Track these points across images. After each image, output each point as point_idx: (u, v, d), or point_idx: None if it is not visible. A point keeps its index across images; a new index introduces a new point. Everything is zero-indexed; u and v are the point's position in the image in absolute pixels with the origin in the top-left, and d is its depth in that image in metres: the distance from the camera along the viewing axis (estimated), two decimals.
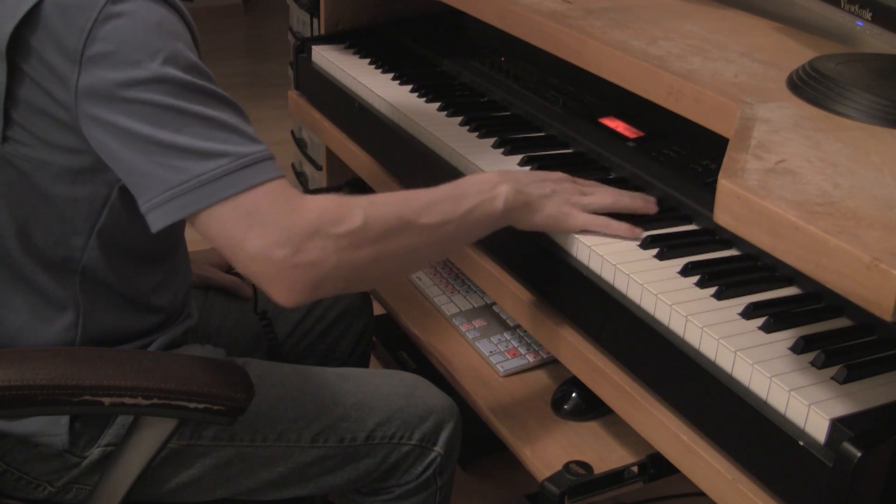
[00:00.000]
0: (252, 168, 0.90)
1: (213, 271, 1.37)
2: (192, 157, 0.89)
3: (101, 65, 0.88)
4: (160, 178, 0.89)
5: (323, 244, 0.90)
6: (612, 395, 1.00)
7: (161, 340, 1.11)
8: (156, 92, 0.88)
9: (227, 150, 0.90)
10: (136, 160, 0.90)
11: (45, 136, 0.94)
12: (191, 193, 0.89)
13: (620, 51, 1.10)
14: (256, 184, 0.90)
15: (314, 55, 1.72)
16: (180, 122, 0.89)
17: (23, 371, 0.92)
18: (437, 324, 1.42)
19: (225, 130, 0.91)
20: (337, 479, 1.15)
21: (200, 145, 0.89)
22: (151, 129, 0.88)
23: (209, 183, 0.89)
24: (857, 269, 0.68)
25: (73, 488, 1.07)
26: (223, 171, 0.89)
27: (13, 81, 0.92)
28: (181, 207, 0.89)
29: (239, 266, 0.92)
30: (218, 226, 0.90)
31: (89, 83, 0.89)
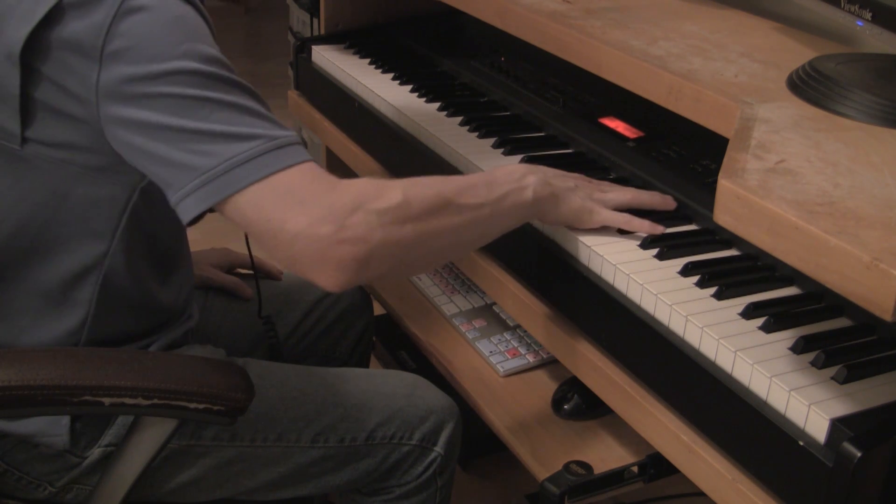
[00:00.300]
0: (284, 150, 0.89)
1: (214, 272, 1.37)
2: (223, 141, 0.87)
3: (121, 60, 0.87)
4: (191, 165, 0.88)
5: (366, 219, 0.87)
6: (612, 395, 1.00)
7: (161, 341, 1.12)
8: (179, 84, 0.87)
9: (258, 133, 0.88)
10: (165, 151, 0.89)
11: (64, 136, 0.94)
12: (224, 177, 0.87)
13: (620, 51, 1.10)
14: (290, 164, 0.88)
15: (314, 55, 1.72)
16: (207, 110, 0.88)
17: (23, 371, 0.92)
18: (437, 324, 1.42)
19: (252, 116, 0.90)
20: (337, 480, 1.15)
21: (230, 129, 0.88)
22: (178, 119, 0.87)
23: (242, 164, 0.87)
24: (857, 269, 0.68)
25: (73, 488, 1.07)
26: (256, 152, 0.88)
27: (30, 84, 0.91)
28: (214, 192, 0.87)
29: (279, 251, 0.88)
30: (254, 209, 0.88)
31: (110, 79, 0.88)
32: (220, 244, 1.44)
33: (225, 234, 1.13)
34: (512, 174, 1.01)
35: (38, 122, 0.93)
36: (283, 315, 1.39)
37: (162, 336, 1.12)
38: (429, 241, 0.93)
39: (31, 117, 0.93)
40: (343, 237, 0.86)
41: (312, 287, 1.42)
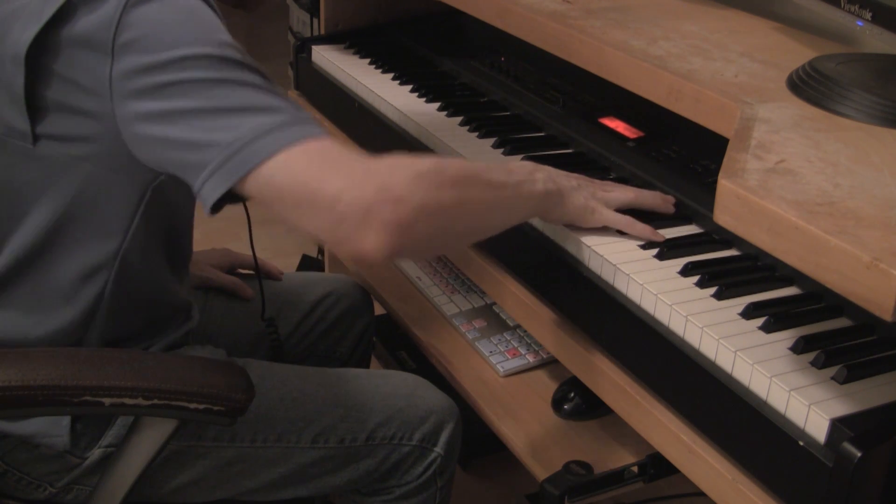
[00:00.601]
0: (308, 123, 0.87)
1: (214, 272, 1.37)
2: (245, 114, 0.86)
3: (133, 51, 0.87)
4: (213, 142, 0.85)
5: (406, 179, 0.84)
6: (612, 395, 1.00)
7: (162, 342, 1.11)
8: (194, 69, 0.87)
9: (280, 106, 0.87)
10: (185, 135, 0.87)
11: (78, 131, 0.93)
12: (249, 146, 0.84)
13: (620, 51, 1.10)
14: (317, 135, 0.86)
15: (314, 55, 1.71)
16: (226, 90, 0.87)
17: (23, 371, 0.92)
18: (437, 324, 1.42)
19: (271, 94, 0.89)
20: (337, 480, 1.15)
21: (252, 103, 0.86)
22: (196, 101, 0.86)
23: (268, 133, 0.85)
24: (857, 269, 0.68)
25: (73, 489, 1.07)
26: (280, 122, 0.85)
27: (40, 82, 0.91)
28: (240, 164, 0.84)
29: (318, 217, 0.84)
30: (287, 175, 0.84)
31: (123, 71, 0.88)
32: (220, 244, 1.44)
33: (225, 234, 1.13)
34: (523, 167, 1.01)
35: (49, 118, 0.93)
36: (283, 315, 1.39)
37: (162, 337, 1.12)
38: (465, 210, 0.90)
39: (42, 114, 0.93)
40: (386, 197, 0.82)
41: (313, 287, 1.43)
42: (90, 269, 1.01)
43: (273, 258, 1.48)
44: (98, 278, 1.02)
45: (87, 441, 1.05)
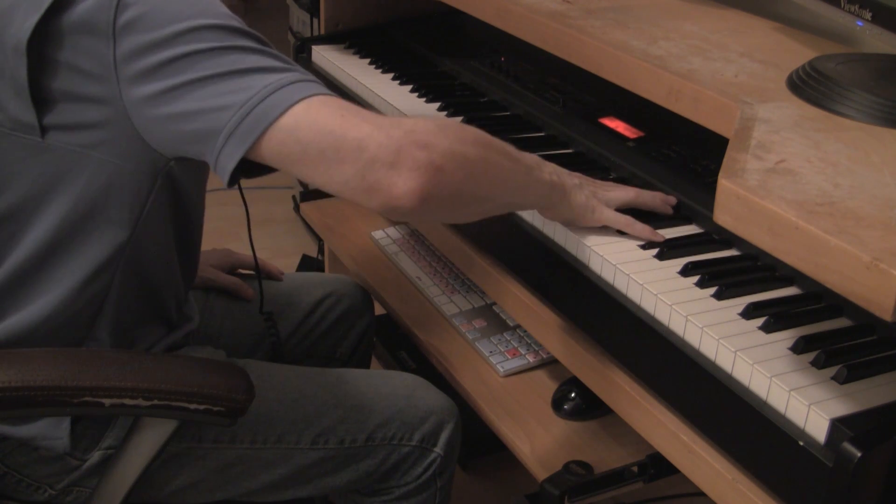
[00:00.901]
0: (317, 83, 0.87)
1: (215, 272, 1.37)
2: (257, 73, 0.85)
3: (135, 30, 0.87)
4: (229, 104, 0.84)
5: (430, 127, 0.84)
6: (612, 395, 1.00)
7: (162, 344, 1.11)
8: (199, 40, 0.86)
9: (289, 67, 0.87)
10: (197, 104, 0.86)
11: (85, 118, 0.93)
12: (267, 100, 0.83)
13: (620, 51, 1.10)
14: (328, 92, 0.86)
15: (314, 55, 1.71)
16: (235, 55, 0.86)
17: (23, 372, 0.92)
18: (437, 324, 1.42)
19: (277, 58, 0.88)
20: (337, 481, 1.15)
21: (263, 63, 0.86)
22: (204, 70, 0.86)
23: (283, 87, 0.84)
24: (857, 269, 0.68)
25: (73, 491, 1.07)
26: (293, 79, 0.85)
27: (45, 73, 0.91)
28: (262, 117, 0.83)
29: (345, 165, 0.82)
30: (308, 123, 0.82)
31: (127, 52, 0.87)
32: (220, 244, 1.44)
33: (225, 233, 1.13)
34: (532, 156, 1.01)
35: (56, 108, 0.93)
36: (284, 316, 1.39)
37: (163, 339, 1.12)
38: (487, 169, 0.89)
39: (49, 105, 0.92)
40: (414, 139, 0.81)
41: (314, 288, 1.43)
42: (102, 259, 1.01)
43: (273, 258, 1.48)
44: (109, 267, 1.01)
45: (86, 443, 1.05)
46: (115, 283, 1.02)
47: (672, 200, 1.09)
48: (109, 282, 1.02)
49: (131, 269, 1.03)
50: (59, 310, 1.02)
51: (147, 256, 1.03)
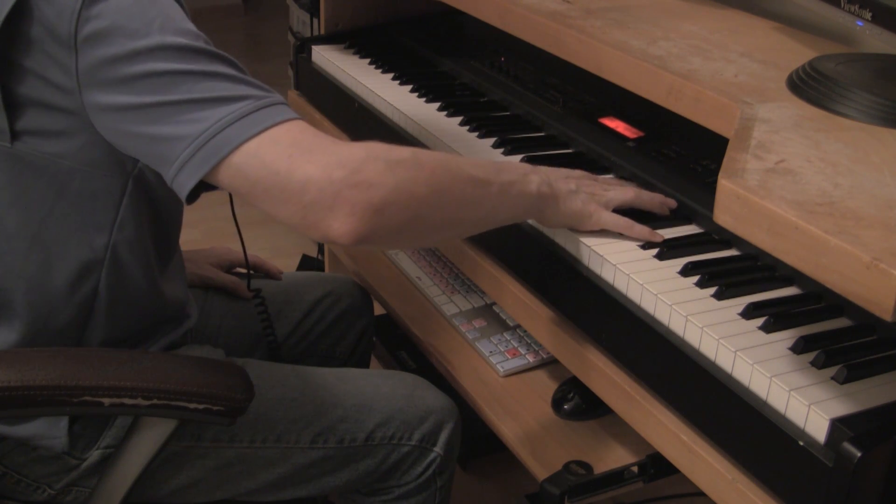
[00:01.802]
0: (275, 108, 0.87)
1: (213, 271, 1.37)
2: (210, 105, 0.86)
3: (96, 44, 0.87)
4: (181, 135, 0.86)
5: (378, 166, 0.84)
6: (612, 395, 1.00)
7: (161, 342, 1.11)
8: (158, 60, 0.87)
9: (246, 94, 0.87)
10: (153, 130, 0.87)
11: (55, 126, 0.93)
12: (217, 138, 0.85)
13: (620, 51, 1.10)
14: (284, 120, 0.87)
15: (314, 55, 1.71)
16: (190, 82, 0.87)
17: (22, 372, 0.92)
18: (437, 324, 1.42)
19: (237, 82, 0.89)
20: (337, 480, 1.15)
21: (217, 94, 0.87)
22: (162, 95, 0.86)
23: (234, 123, 0.85)
24: (857, 269, 0.68)
25: (72, 490, 1.07)
26: (246, 110, 0.86)
27: (14, 79, 0.91)
28: (209, 155, 0.85)
29: (289, 204, 0.84)
30: (256, 164, 0.84)
31: (88, 65, 0.88)
32: (220, 244, 1.44)
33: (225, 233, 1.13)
34: (517, 168, 1.01)
35: (27, 115, 0.93)
36: (283, 315, 1.39)
37: (161, 337, 1.12)
38: (440, 202, 0.90)
39: (20, 112, 0.92)
40: (357, 180, 0.83)
41: (313, 287, 1.43)
42: (83, 266, 1.01)
43: (273, 258, 1.48)
44: (91, 275, 1.02)
45: (85, 442, 1.05)
46: (101, 288, 1.02)
47: (672, 203, 1.09)
48: (95, 286, 1.02)
49: (115, 273, 1.03)
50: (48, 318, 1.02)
51: (129, 258, 1.03)
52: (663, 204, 1.08)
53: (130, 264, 1.04)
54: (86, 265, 1.01)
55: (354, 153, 0.85)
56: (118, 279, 1.03)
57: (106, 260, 1.01)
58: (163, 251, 1.10)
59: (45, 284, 1.01)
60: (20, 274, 1.00)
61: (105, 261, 1.01)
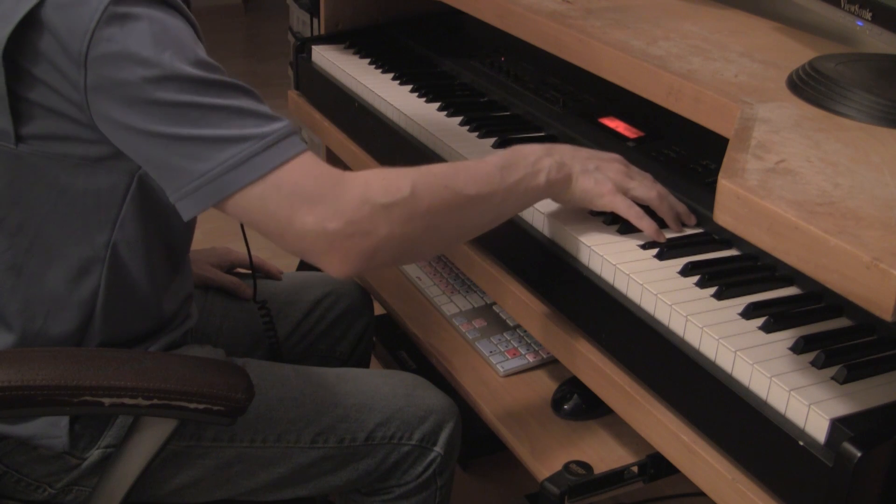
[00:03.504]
0: (278, 146, 0.89)
1: (214, 271, 1.37)
2: (216, 146, 0.88)
3: (107, 66, 0.87)
4: (186, 170, 0.89)
5: (373, 214, 0.89)
6: (612, 395, 1.00)
7: (161, 343, 1.11)
8: (167, 90, 0.87)
9: (250, 134, 0.89)
10: (159, 156, 0.89)
11: (61, 131, 0.93)
12: (221, 179, 0.88)
13: (620, 51, 1.10)
14: (287, 159, 0.89)
15: (314, 55, 1.72)
16: (196, 116, 0.88)
17: (23, 371, 0.92)
18: (437, 324, 1.42)
19: (243, 116, 0.90)
20: (337, 480, 1.15)
21: (221, 133, 0.88)
22: (169, 126, 0.88)
23: (238, 166, 0.88)
24: (857, 269, 0.68)
25: (73, 490, 1.07)
26: (250, 152, 0.88)
27: (23, 85, 0.91)
28: (213, 193, 0.89)
29: (287, 245, 0.91)
30: (259, 208, 0.89)
31: (97, 84, 0.88)
32: (220, 244, 1.44)
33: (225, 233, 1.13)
34: (528, 157, 1.01)
35: (33, 120, 0.93)
36: (283, 315, 1.39)
37: (161, 337, 1.12)
38: (436, 234, 0.95)
39: (27, 117, 0.93)
40: (350, 232, 0.88)
41: (313, 287, 1.43)
42: (82, 265, 1.01)
43: (273, 258, 1.48)
44: (91, 274, 1.01)
45: (85, 442, 1.05)
46: (101, 288, 1.02)
47: (690, 221, 1.07)
48: (95, 287, 1.02)
49: (115, 272, 1.03)
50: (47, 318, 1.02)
51: (130, 258, 1.03)
52: (678, 218, 1.06)
53: (131, 265, 1.03)
54: (85, 263, 1.01)
55: (351, 200, 0.89)
56: (118, 280, 1.03)
57: (106, 258, 1.01)
58: (170, 252, 1.09)
59: (46, 283, 1.01)
60: (21, 272, 1.00)
61: (105, 259, 1.01)
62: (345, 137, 1.59)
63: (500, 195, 0.97)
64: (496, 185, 0.97)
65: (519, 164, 0.99)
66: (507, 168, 0.98)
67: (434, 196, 0.93)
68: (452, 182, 0.94)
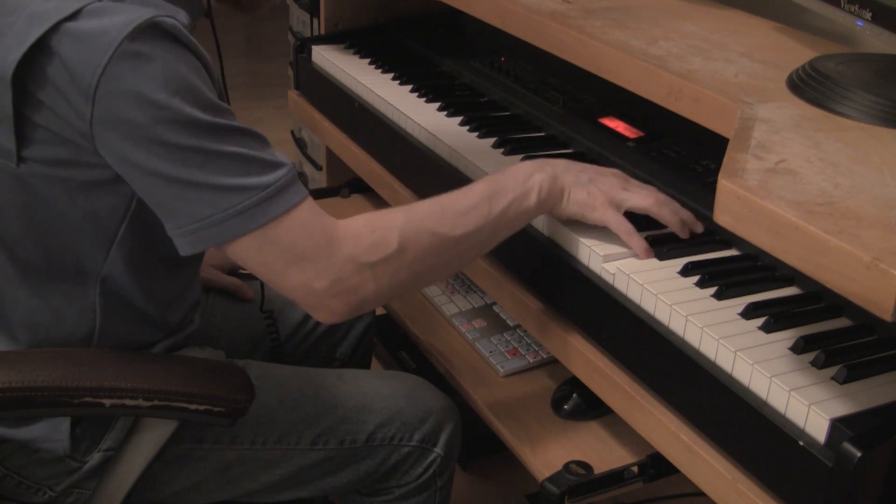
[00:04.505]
0: (277, 197, 0.91)
1: (215, 273, 1.37)
2: (217, 193, 0.89)
3: (116, 102, 0.86)
4: (185, 212, 0.90)
5: (360, 273, 0.93)
6: (612, 395, 1.00)
7: (162, 347, 1.11)
8: (174, 133, 0.87)
9: (251, 184, 0.90)
10: (159, 194, 0.90)
11: (63, 157, 0.93)
12: (219, 226, 0.90)
13: (620, 51, 1.10)
14: (284, 211, 0.91)
15: (314, 55, 1.72)
16: (201, 161, 0.88)
17: (24, 372, 0.92)
18: (437, 324, 1.42)
19: (246, 163, 0.90)
20: (337, 481, 1.15)
21: (224, 182, 0.89)
22: (172, 168, 0.88)
23: (236, 216, 0.90)
24: (857, 269, 0.68)
25: (73, 493, 1.07)
26: (249, 203, 0.90)
27: (29, 108, 0.90)
28: (210, 237, 0.91)
29: (278, 290, 0.95)
30: (254, 257, 0.92)
31: (104, 118, 0.87)
32: None
33: None
34: (517, 177, 1.01)
35: (37, 143, 0.92)
36: (284, 316, 1.39)
37: (163, 342, 1.11)
38: (422, 279, 1.00)
39: (31, 139, 0.92)
40: (337, 291, 0.93)
41: None
42: (81, 278, 1.00)
43: None
44: (90, 288, 1.01)
45: (86, 445, 1.05)
46: (100, 300, 1.02)
47: (697, 228, 1.05)
48: (95, 299, 1.01)
49: (114, 286, 1.02)
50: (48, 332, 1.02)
51: (128, 272, 1.02)
52: (685, 224, 1.04)
53: (129, 279, 1.02)
54: (84, 277, 1.00)
55: (339, 259, 0.92)
56: (117, 293, 1.02)
57: (102, 273, 1.01)
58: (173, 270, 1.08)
59: (46, 295, 1.01)
60: (21, 284, 1.00)
61: (101, 274, 1.01)
62: (345, 137, 1.59)
63: (489, 227, 0.99)
64: (484, 219, 0.98)
65: (507, 189, 0.99)
66: (495, 196, 0.99)
67: (420, 246, 0.96)
68: (439, 226, 0.97)
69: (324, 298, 0.93)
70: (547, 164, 1.03)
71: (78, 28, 0.86)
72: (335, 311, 0.95)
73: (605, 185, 1.04)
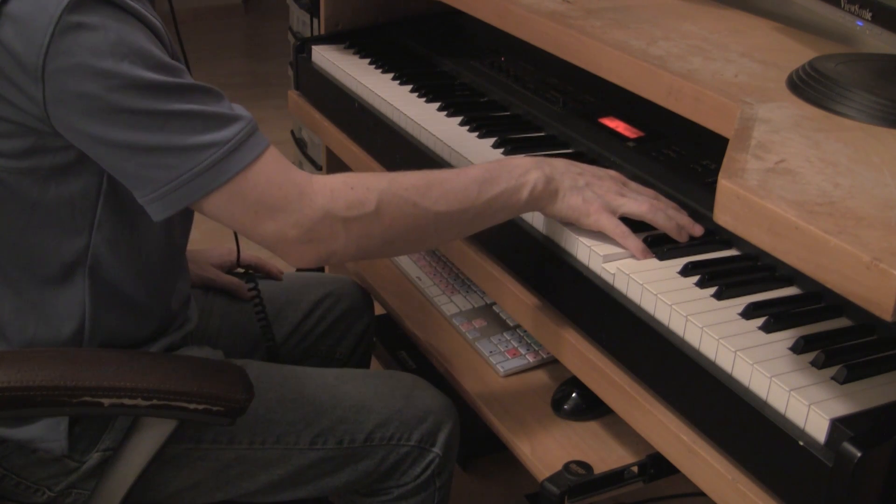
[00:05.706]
0: (239, 150, 0.91)
1: (215, 272, 1.37)
2: (180, 154, 0.89)
3: (65, 79, 0.86)
4: (151, 178, 0.90)
5: (332, 225, 0.93)
6: (612, 395, 1.00)
7: (160, 345, 1.11)
8: (128, 98, 0.87)
9: (213, 140, 0.90)
10: (123, 165, 0.90)
11: (27, 146, 0.93)
12: (186, 186, 0.90)
13: (620, 51, 1.10)
14: (249, 162, 0.91)
15: (314, 55, 1.71)
16: (159, 123, 0.88)
17: (22, 372, 0.92)
18: (437, 324, 1.42)
19: (205, 120, 0.90)
20: (336, 481, 1.15)
21: (185, 141, 0.89)
22: (132, 135, 0.88)
23: (202, 174, 0.90)
24: (857, 269, 0.68)
25: (72, 493, 1.07)
26: (213, 160, 0.90)
27: None
28: (179, 199, 0.91)
29: (251, 240, 0.96)
30: (225, 212, 0.93)
31: (56, 97, 0.87)
32: (220, 244, 1.44)
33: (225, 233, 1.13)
34: (514, 170, 1.01)
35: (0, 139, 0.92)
36: (283, 315, 1.39)
37: (160, 340, 1.11)
38: (393, 247, 1.00)
39: None
40: (308, 238, 0.94)
41: (313, 288, 1.43)
42: (65, 271, 1.00)
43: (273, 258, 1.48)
44: (75, 279, 1.01)
45: (85, 445, 1.05)
46: (88, 292, 1.02)
47: (696, 231, 1.04)
48: (82, 291, 1.01)
49: (99, 276, 1.02)
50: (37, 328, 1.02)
51: (111, 259, 1.02)
52: (683, 229, 1.03)
53: (115, 266, 1.02)
54: (67, 269, 1.00)
55: (312, 211, 0.93)
56: (104, 283, 1.02)
57: (87, 261, 1.01)
58: (160, 257, 1.08)
59: (30, 291, 1.00)
60: (4, 281, 1.00)
61: (87, 262, 1.01)
62: (345, 137, 1.59)
63: (473, 211, 0.99)
64: (471, 202, 0.98)
65: (501, 178, 0.99)
66: (487, 182, 0.98)
67: (398, 213, 0.95)
68: (422, 199, 0.96)
69: (294, 245, 0.94)
70: (546, 163, 1.03)
71: (14, 10, 0.85)
72: (303, 257, 0.95)
73: (601, 189, 1.03)
